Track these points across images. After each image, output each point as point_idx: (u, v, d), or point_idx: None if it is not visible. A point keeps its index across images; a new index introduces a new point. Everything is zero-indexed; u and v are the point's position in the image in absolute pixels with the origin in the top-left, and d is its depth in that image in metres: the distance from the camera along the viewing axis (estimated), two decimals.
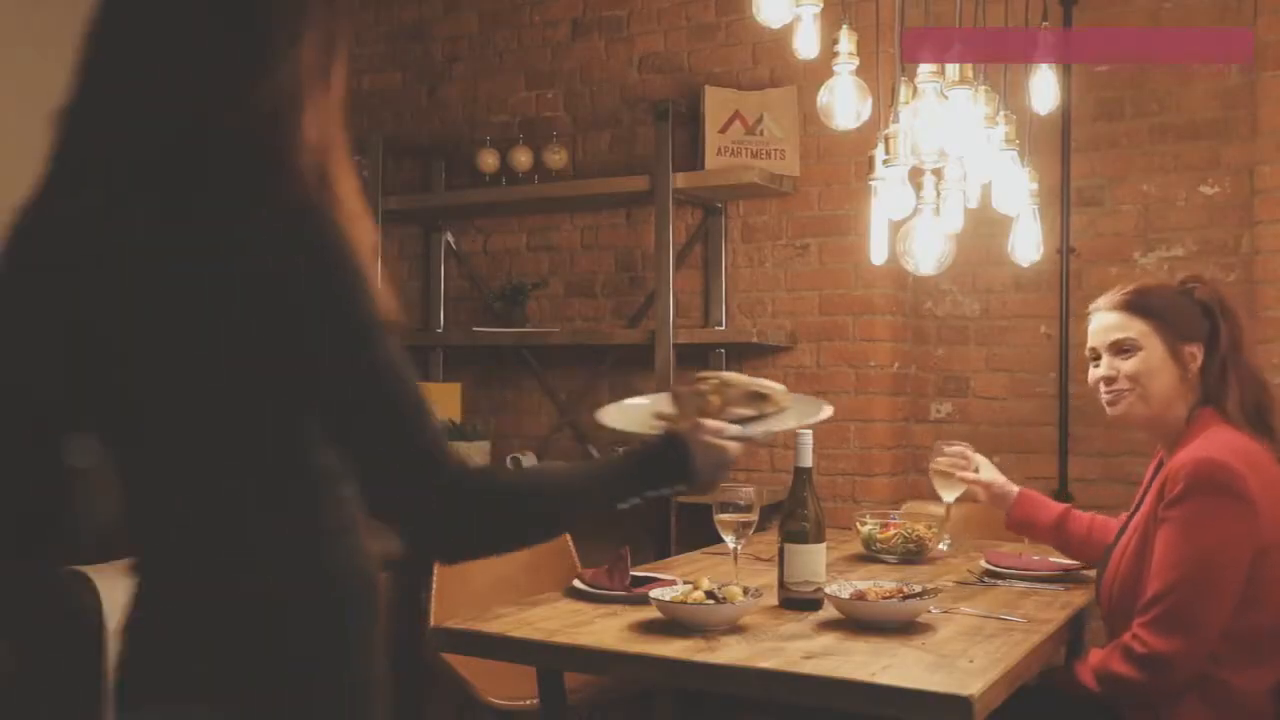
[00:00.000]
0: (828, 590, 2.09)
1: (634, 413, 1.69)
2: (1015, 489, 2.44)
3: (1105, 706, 1.99)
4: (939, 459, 2.50)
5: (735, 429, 1.43)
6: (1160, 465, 2.11)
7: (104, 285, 1.13)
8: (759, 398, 1.53)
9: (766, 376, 3.83)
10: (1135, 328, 2.06)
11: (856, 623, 2.00)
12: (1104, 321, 2.10)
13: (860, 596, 2.06)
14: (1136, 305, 2.07)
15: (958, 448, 2.51)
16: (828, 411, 1.61)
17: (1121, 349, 2.07)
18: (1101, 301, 2.13)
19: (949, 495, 2.47)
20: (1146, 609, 1.91)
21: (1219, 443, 1.94)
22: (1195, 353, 2.04)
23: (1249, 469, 1.89)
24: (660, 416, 1.57)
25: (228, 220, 1.11)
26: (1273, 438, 2.02)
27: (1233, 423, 2.00)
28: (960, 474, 2.47)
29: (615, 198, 3.93)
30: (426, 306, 4.39)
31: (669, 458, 1.36)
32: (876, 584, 2.14)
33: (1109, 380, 2.08)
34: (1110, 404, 2.10)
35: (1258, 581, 1.88)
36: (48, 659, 2.69)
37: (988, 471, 2.47)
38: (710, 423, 1.41)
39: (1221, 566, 1.86)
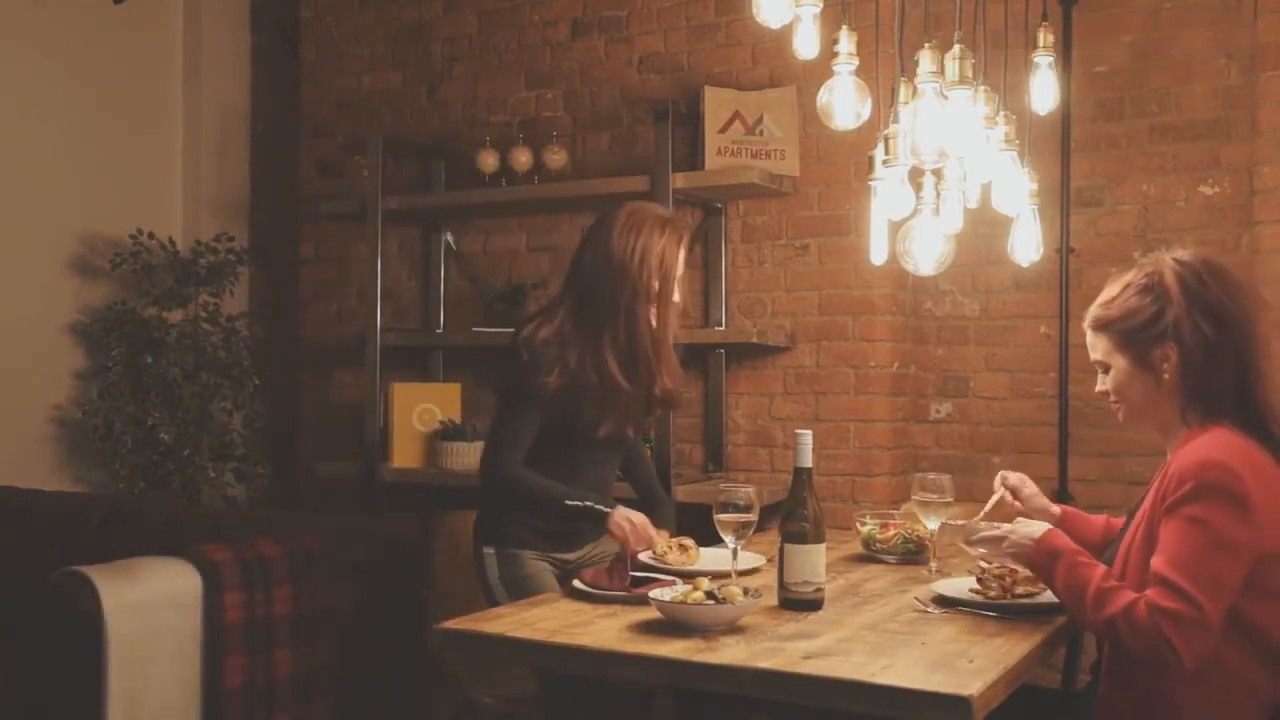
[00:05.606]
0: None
1: None
2: (1057, 510, 2.36)
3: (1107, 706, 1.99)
4: (917, 495, 2.46)
5: None
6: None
7: None
8: None
9: (766, 376, 3.83)
10: (1101, 346, 2.08)
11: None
12: (1086, 340, 2.13)
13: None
14: (1099, 323, 2.07)
15: (1014, 479, 2.41)
16: None
17: (1100, 367, 2.10)
18: (1086, 317, 2.13)
19: (933, 523, 2.46)
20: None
21: (1219, 444, 1.91)
22: (1168, 353, 1.97)
23: (1251, 474, 1.87)
24: None
25: None
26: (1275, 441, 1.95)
27: (1234, 424, 1.94)
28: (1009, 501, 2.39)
29: (615, 198, 3.92)
30: (426, 307, 4.39)
31: None
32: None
33: (1105, 395, 2.12)
34: (1116, 413, 2.13)
35: (1255, 588, 1.86)
36: (48, 659, 2.69)
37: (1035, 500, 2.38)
38: None
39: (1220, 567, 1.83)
